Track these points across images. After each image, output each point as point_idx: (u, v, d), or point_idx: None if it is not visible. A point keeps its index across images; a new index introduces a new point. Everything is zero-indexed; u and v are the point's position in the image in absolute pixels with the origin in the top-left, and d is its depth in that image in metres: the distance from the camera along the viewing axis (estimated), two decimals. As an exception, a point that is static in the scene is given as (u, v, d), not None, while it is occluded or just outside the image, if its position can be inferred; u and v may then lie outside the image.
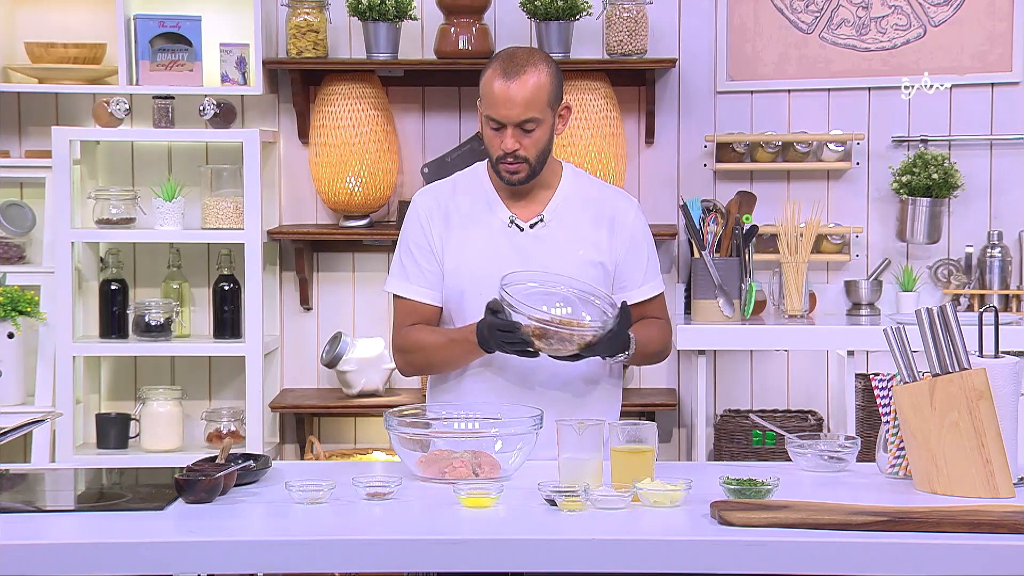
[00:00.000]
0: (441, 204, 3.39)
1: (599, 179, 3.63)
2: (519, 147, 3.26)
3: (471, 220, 3.37)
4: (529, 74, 3.24)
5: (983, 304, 4.98)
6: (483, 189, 3.39)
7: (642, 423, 2.96)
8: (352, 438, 5.23)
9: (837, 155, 5.09)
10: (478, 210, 3.37)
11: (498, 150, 3.27)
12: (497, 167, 3.30)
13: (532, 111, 3.24)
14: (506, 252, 3.31)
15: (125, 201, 4.94)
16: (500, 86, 3.23)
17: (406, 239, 3.41)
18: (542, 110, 3.25)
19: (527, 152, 3.27)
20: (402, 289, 3.39)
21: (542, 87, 3.25)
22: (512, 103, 3.23)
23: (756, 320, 4.90)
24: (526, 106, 3.23)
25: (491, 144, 3.29)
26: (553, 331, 3.11)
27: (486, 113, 3.27)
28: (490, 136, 3.29)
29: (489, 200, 3.38)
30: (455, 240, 3.35)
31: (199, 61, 4.95)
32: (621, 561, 2.58)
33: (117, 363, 5.19)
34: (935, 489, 2.90)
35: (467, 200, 3.39)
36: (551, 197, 3.38)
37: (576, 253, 3.34)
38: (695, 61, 5.13)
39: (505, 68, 3.25)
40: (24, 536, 2.65)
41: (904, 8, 5.08)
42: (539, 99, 3.24)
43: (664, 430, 5.14)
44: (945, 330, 2.92)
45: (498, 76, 3.24)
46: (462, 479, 2.96)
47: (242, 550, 2.61)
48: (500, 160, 3.28)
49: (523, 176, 3.30)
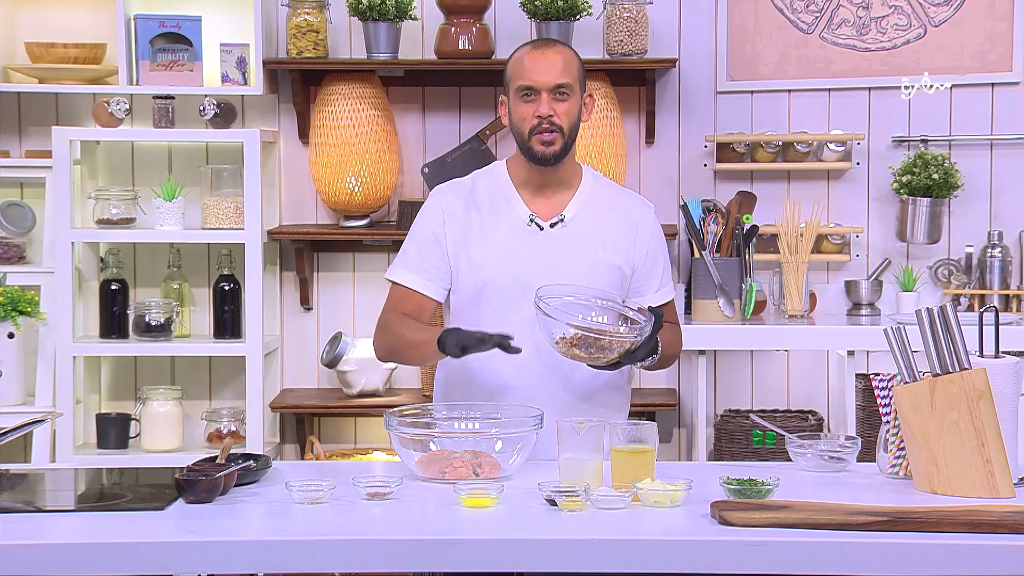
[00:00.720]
0: (461, 199, 3.39)
1: (616, 183, 3.64)
2: (554, 114, 3.27)
3: (490, 217, 3.36)
4: (558, 48, 3.32)
5: (983, 304, 4.98)
6: (503, 187, 3.39)
7: (642, 423, 2.96)
8: (352, 438, 5.23)
9: (837, 155, 5.09)
10: (498, 207, 3.37)
11: (532, 120, 3.28)
12: (530, 141, 3.29)
13: (566, 76, 3.28)
14: (525, 250, 3.31)
15: (125, 201, 4.94)
16: (533, 55, 3.30)
17: (416, 230, 3.40)
18: (575, 79, 3.30)
19: (561, 120, 3.28)
20: (401, 277, 3.38)
21: (573, 61, 3.32)
22: (547, 68, 3.27)
23: (756, 320, 4.91)
24: (561, 71, 3.28)
25: (523, 118, 3.29)
26: (594, 339, 3.13)
27: (519, 83, 3.29)
28: (522, 111, 3.29)
29: (509, 198, 3.38)
30: (474, 236, 3.35)
31: (199, 61, 4.95)
32: (621, 561, 2.58)
33: (117, 363, 5.19)
34: (935, 489, 2.90)
35: (487, 197, 3.38)
36: (571, 197, 3.38)
37: (595, 255, 3.35)
38: (695, 61, 5.14)
39: (535, 44, 3.34)
40: (24, 536, 2.64)
41: (904, 8, 5.08)
42: (571, 69, 3.30)
43: (664, 430, 5.14)
44: (945, 330, 2.92)
45: (529, 50, 3.32)
46: (462, 479, 2.96)
47: (242, 550, 2.61)
48: (534, 131, 3.28)
49: (557, 149, 3.29)
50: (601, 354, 3.15)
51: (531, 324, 3.26)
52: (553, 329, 3.15)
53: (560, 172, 3.36)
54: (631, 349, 3.15)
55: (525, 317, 3.27)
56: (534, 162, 3.32)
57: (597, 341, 3.14)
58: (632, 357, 3.17)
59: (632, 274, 3.39)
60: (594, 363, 3.18)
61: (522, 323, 3.28)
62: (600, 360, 3.16)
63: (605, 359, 3.16)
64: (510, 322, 3.28)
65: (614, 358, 3.16)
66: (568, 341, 3.14)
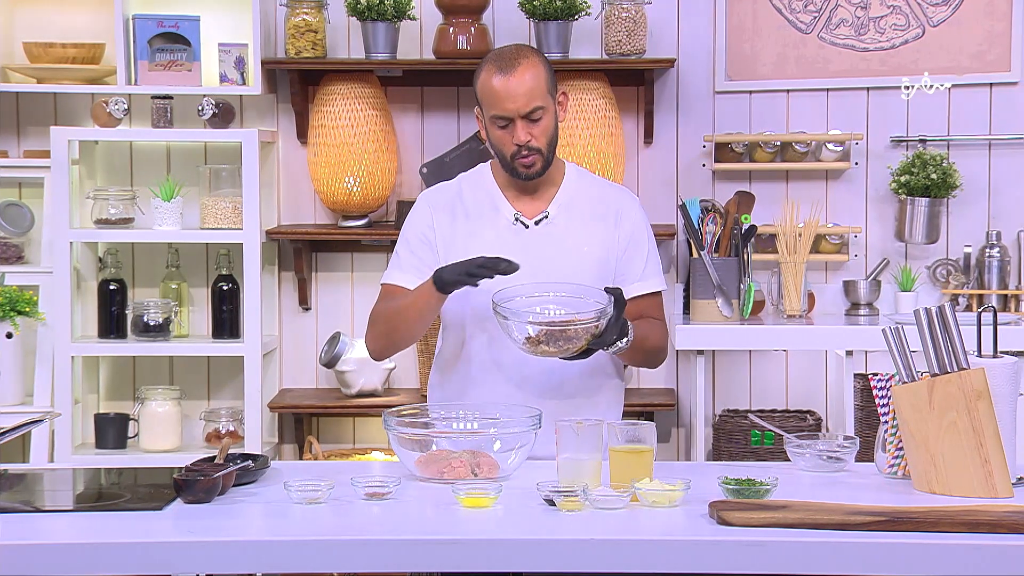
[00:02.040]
0: (448, 202, 3.41)
1: (601, 177, 3.65)
2: (531, 138, 3.28)
3: (477, 218, 3.38)
4: (524, 66, 3.27)
5: (981, 304, 4.98)
6: (488, 187, 3.41)
7: (641, 423, 2.96)
8: (351, 438, 5.23)
9: (836, 155, 5.09)
10: (483, 208, 3.39)
11: (511, 147, 3.29)
12: (512, 165, 3.31)
13: (536, 99, 3.27)
14: (512, 249, 3.31)
15: (124, 201, 4.94)
16: (500, 82, 3.26)
17: (406, 233, 3.42)
18: (544, 97, 3.29)
19: (539, 142, 3.29)
20: (395, 279, 3.39)
21: (540, 75, 3.29)
22: (516, 95, 3.25)
23: (755, 320, 4.91)
24: (530, 95, 3.26)
25: (502, 143, 3.30)
26: (558, 331, 3.12)
27: (491, 113, 3.29)
28: (499, 136, 3.30)
29: (494, 198, 3.39)
30: (460, 237, 3.36)
31: (198, 61, 4.95)
32: (620, 561, 2.58)
33: (116, 363, 5.19)
34: (933, 489, 2.90)
35: (472, 198, 3.40)
36: (555, 194, 3.40)
37: (581, 250, 3.35)
38: (694, 61, 5.14)
39: (500, 65, 3.28)
40: (23, 536, 2.64)
41: (903, 8, 5.08)
42: (539, 87, 3.28)
43: (663, 430, 5.14)
44: (944, 330, 2.92)
45: (495, 74, 3.27)
46: (461, 479, 2.96)
47: (241, 550, 2.60)
48: (515, 157, 3.30)
49: (539, 168, 3.32)
50: (569, 344, 3.13)
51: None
52: (514, 332, 3.15)
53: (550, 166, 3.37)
54: (597, 333, 3.14)
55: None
56: (518, 179, 3.35)
57: (563, 332, 3.12)
58: (601, 341, 3.15)
59: (616, 264, 3.39)
60: (565, 355, 3.16)
61: None
62: (571, 351, 3.15)
63: (576, 348, 3.14)
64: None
65: (582, 345, 3.14)
66: (534, 340, 3.13)
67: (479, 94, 3.32)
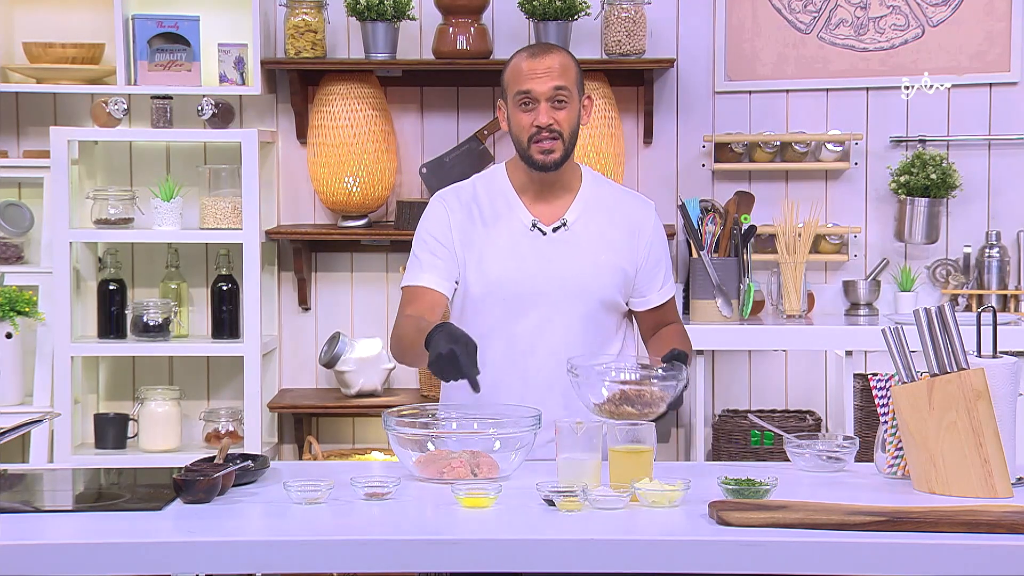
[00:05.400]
0: (464, 203, 3.38)
1: (616, 183, 3.62)
2: (554, 121, 3.26)
3: (493, 222, 3.35)
4: (556, 52, 3.30)
5: (981, 304, 4.98)
6: (504, 191, 3.38)
7: (641, 423, 2.95)
8: (350, 438, 5.23)
9: (835, 155, 5.09)
10: (500, 214, 3.36)
11: (531, 128, 3.27)
12: (529, 150, 3.28)
13: (564, 81, 3.26)
14: (529, 256, 3.30)
15: (123, 201, 4.94)
16: (530, 62, 3.27)
17: (423, 234, 3.38)
18: (572, 85, 3.28)
19: (561, 127, 3.27)
20: (417, 280, 3.35)
21: (569, 65, 3.30)
22: (545, 74, 3.25)
23: (754, 320, 4.91)
24: (558, 76, 3.26)
25: (522, 125, 3.28)
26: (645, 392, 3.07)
27: (517, 89, 3.27)
28: (520, 119, 3.28)
29: (510, 203, 3.36)
30: (478, 240, 3.34)
31: (197, 61, 4.95)
32: (619, 561, 2.58)
33: (115, 363, 5.19)
34: (933, 489, 2.90)
35: (488, 201, 3.37)
36: (572, 200, 3.37)
37: (598, 257, 3.34)
38: (693, 61, 5.14)
39: (532, 50, 3.31)
40: (22, 536, 2.64)
41: (902, 8, 5.08)
42: (569, 74, 3.28)
43: (662, 430, 5.14)
44: (943, 330, 2.92)
45: (526, 56, 3.29)
46: (460, 479, 2.96)
47: (240, 550, 2.60)
48: (534, 138, 3.27)
49: (558, 156, 3.28)
50: (650, 410, 3.08)
51: (536, 330, 3.29)
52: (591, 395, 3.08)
53: (560, 176, 3.35)
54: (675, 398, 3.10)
55: (530, 324, 3.29)
56: (534, 169, 3.31)
57: (648, 394, 3.07)
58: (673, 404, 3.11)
59: (636, 274, 3.39)
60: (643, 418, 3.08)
61: (527, 330, 3.30)
62: (650, 415, 3.08)
63: (654, 412, 3.09)
64: (515, 329, 3.29)
65: (663, 408, 3.09)
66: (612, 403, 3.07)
67: (506, 78, 3.31)
